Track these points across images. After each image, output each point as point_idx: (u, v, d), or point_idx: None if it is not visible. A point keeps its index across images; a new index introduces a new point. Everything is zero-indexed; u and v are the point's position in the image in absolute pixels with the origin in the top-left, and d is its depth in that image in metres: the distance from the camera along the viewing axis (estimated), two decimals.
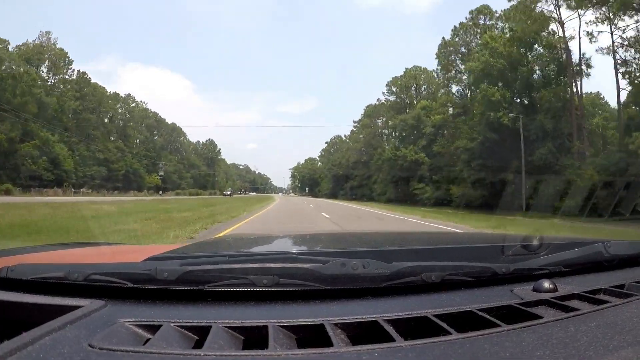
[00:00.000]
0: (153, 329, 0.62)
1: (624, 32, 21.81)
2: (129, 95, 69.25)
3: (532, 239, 1.07)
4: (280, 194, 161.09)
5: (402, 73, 54.95)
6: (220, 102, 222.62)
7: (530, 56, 27.24)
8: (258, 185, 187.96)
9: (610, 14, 21.88)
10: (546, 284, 0.83)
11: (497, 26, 33.85)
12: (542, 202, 19.59)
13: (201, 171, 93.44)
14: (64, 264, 0.88)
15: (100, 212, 14.80)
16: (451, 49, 39.26)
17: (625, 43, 21.89)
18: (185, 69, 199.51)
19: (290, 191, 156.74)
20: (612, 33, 22.48)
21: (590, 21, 23.25)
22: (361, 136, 66.78)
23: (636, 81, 21.40)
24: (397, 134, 51.56)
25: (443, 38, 39.91)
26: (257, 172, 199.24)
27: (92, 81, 57.59)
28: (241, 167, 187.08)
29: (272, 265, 0.81)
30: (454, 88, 38.71)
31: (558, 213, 16.73)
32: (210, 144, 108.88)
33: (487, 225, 12.74)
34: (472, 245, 1.44)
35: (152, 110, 76.21)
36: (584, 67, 25.12)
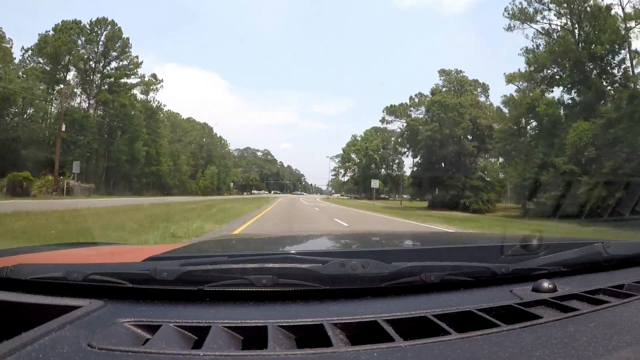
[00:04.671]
0: (152, 329, 0.62)
1: None
2: None
3: (532, 239, 1.07)
4: (316, 195, 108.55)
5: None
6: (256, 101, 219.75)
7: None
8: (284, 181, 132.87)
9: None
10: (545, 284, 0.83)
11: None
12: None
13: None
14: (63, 264, 0.88)
15: None
16: None
17: None
18: (223, 70, 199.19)
19: (343, 191, 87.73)
20: None
21: None
22: None
23: None
24: None
25: None
26: (284, 165, 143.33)
27: None
28: (259, 153, 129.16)
29: (271, 265, 0.81)
30: None
31: None
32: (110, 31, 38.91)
33: None
34: (472, 245, 1.44)
35: None
36: None
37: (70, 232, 7.52)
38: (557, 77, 25.38)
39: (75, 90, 39.36)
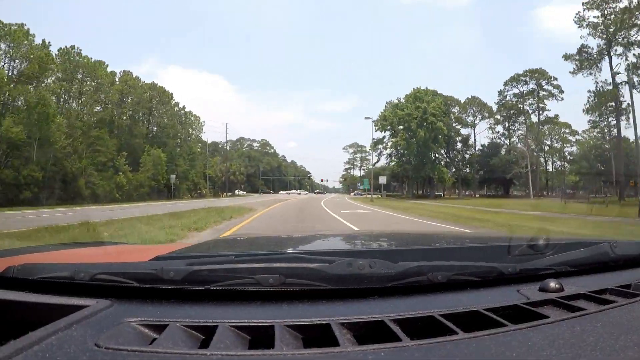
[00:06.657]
0: (159, 328, 0.62)
1: None
2: None
3: (539, 239, 1.07)
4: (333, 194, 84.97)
5: None
6: (261, 102, 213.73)
7: None
8: (287, 177, 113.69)
9: None
10: (552, 284, 0.83)
11: None
12: None
13: None
14: (70, 263, 0.89)
15: None
16: None
17: None
18: (225, 70, 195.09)
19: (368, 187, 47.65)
20: None
21: None
22: None
23: None
24: None
25: None
26: (288, 160, 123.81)
27: None
28: (256, 144, 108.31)
29: (278, 265, 0.81)
30: None
31: None
32: None
33: None
34: (479, 245, 1.44)
35: None
36: None
37: None
38: None
39: None
